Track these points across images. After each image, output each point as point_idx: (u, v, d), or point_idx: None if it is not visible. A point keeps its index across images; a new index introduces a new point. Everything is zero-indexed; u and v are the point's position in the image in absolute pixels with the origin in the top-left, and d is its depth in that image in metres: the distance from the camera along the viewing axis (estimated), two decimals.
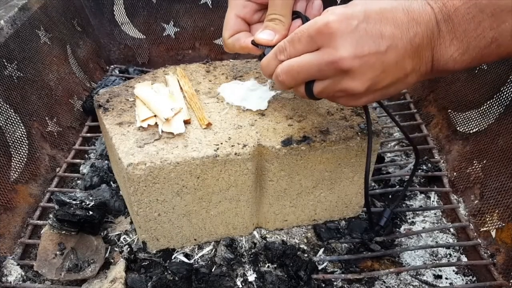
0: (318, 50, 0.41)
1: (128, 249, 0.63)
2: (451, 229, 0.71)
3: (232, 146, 0.55)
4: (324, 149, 0.57)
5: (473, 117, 0.77)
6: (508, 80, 0.70)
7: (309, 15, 0.53)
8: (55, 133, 0.84)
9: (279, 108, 0.62)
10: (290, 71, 0.44)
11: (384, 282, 0.63)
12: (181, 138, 0.56)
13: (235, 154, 0.55)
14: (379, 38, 0.39)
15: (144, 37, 1.09)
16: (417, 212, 0.74)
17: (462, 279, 0.64)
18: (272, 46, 0.49)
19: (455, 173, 0.76)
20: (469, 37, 0.39)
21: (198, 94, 0.65)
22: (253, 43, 0.52)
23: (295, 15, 0.52)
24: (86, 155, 0.88)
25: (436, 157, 0.81)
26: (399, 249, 0.66)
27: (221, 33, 0.55)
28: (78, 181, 0.81)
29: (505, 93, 0.71)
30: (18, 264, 0.64)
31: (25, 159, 0.74)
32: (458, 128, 0.80)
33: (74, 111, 0.92)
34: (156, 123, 0.58)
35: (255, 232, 0.67)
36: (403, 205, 0.75)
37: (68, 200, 0.65)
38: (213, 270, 0.61)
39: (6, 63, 0.75)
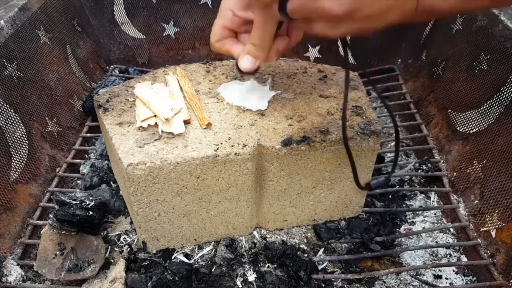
0: None
1: (128, 249, 0.63)
2: (451, 229, 0.71)
3: (232, 146, 0.55)
4: (324, 149, 0.57)
5: (473, 117, 0.77)
6: (508, 80, 0.70)
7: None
8: (55, 133, 0.84)
9: (279, 108, 0.62)
10: None
11: (384, 282, 0.63)
12: (181, 138, 0.56)
13: (235, 154, 0.55)
14: None
15: (144, 37, 1.09)
16: (417, 212, 0.74)
17: (462, 279, 0.64)
18: None
19: (455, 173, 0.76)
20: None
21: (198, 94, 0.65)
22: (237, 67, 0.55)
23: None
24: (86, 155, 0.88)
25: (436, 157, 0.81)
26: (399, 249, 0.66)
27: None
28: (78, 181, 0.81)
29: (505, 93, 0.71)
30: (18, 264, 0.64)
31: (25, 159, 0.74)
32: (458, 128, 0.80)
33: (74, 111, 0.92)
34: (156, 123, 0.58)
35: (255, 232, 0.67)
36: (403, 205, 0.75)
37: (68, 200, 0.65)
38: (213, 270, 0.61)
39: (6, 63, 0.75)
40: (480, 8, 0.38)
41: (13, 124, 0.74)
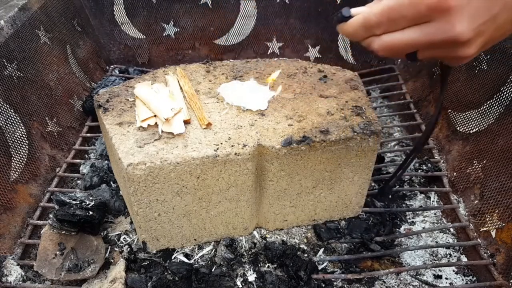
0: (427, 24, 0.40)
1: (128, 249, 0.63)
2: (451, 229, 0.71)
3: (232, 146, 0.55)
4: (324, 149, 0.57)
5: (473, 117, 0.77)
6: (508, 80, 0.70)
7: None
8: (55, 133, 0.84)
9: (279, 108, 0.62)
10: (393, 48, 0.43)
11: (384, 282, 0.63)
12: (181, 138, 0.56)
13: (235, 154, 0.55)
14: (493, 4, 0.39)
15: (144, 37, 1.09)
16: (417, 212, 0.74)
17: (462, 279, 0.64)
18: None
19: (455, 173, 0.76)
20: None
21: (198, 94, 0.65)
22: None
23: None
24: (86, 155, 0.88)
25: (436, 157, 0.81)
26: (399, 249, 0.66)
27: (221, 33, 0.55)
28: (78, 181, 0.81)
29: (505, 93, 0.71)
30: (18, 264, 0.64)
31: (25, 159, 0.74)
32: (458, 128, 0.80)
33: (74, 111, 0.92)
34: (156, 123, 0.58)
35: (255, 232, 0.67)
36: (403, 205, 0.75)
37: (68, 200, 0.65)
38: (213, 270, 0.61)
39: (6, 63, 0.75)
40: None
41: (13, 124, 0.74)
